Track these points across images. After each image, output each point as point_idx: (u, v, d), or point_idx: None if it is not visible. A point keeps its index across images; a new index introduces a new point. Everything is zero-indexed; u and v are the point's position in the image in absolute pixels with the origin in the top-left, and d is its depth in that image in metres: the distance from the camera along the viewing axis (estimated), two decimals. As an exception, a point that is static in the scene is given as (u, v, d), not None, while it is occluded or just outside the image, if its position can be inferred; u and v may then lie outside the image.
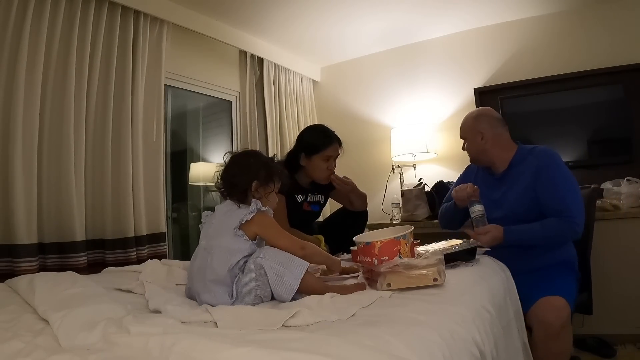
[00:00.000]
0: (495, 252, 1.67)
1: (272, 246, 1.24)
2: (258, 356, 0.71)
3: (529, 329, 1.53)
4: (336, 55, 3.69)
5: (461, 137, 1.90)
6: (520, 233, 1.64)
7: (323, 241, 2.08)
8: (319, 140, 2.07)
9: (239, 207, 1.26)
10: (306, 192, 2.15)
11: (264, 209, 1.25)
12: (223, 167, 1.33)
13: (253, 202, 1.24)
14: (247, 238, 1.21)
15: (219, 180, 1.33)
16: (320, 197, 2.21)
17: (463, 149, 1.91)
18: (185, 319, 1.01)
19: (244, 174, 1.28)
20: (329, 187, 2.25)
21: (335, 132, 2.14)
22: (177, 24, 2.54)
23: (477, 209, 1.68)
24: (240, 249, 1.21)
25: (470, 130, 1.84)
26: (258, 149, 3.14)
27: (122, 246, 2.14)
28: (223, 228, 1.23)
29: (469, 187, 1.71)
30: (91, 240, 2.09)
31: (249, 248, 1.22)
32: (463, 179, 2.02)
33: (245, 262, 1.21)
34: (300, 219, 2.09)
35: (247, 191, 1.28)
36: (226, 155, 1.36)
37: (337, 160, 2.13)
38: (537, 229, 1.63)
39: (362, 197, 2.22)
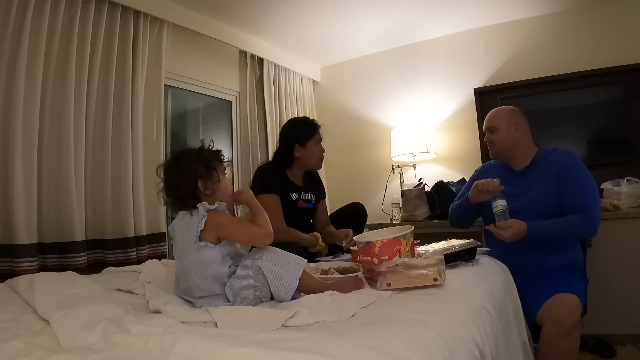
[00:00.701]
0: (507, 250, 1.69)
1: (236, 243, 1.22)
2: (258, 356, 0.71)
3: (538, 326, 1.53)
4: (336, 55, 3.69)
5: (489, 128, 1.91)
6: (544, 228, 1.67)
7: (320, 238, 2.08)
8: (307, 127, 2.16)
9: (191, 214, 1.18)
10: (299, 190, 2.17)
11: (212, 207, 1.18)
12: (163, 184, 1.24)
13: (200, 206, 1.17)
14: (212, 244, 1.16)
15: (165, 198, 1.24)
16: (311, 196, 2.23)
17: (487, 141, 1.92)
18: (185, 319, 1.01)
19: (185, 181, 1.20)
20: (319, 190, 2.28)
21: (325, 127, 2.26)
22: (177, 24, 2.54)
23: (500, 204, 1.69)
24: (211, 258, 1.16)
25: (505, 121, 1.87)
26: (258, 149, 3.14)
27: (122, 246, 2.14)
28: (185, 245, 1.18)
29: (496, 182, 1.72)
30: (91, 240, 2.09)
31: (218, 252, 1.17)
32: (479, 177, 1.99)
33: (230, 266, 1.18)
34: (296, 217, 2.10)
35: (197, 194, 1.21)
36: (159, 170, 1.26)
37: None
38: (560, 224, 1.67)
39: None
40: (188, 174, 1.20)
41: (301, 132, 2.14)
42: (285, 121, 3.35)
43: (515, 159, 1.87)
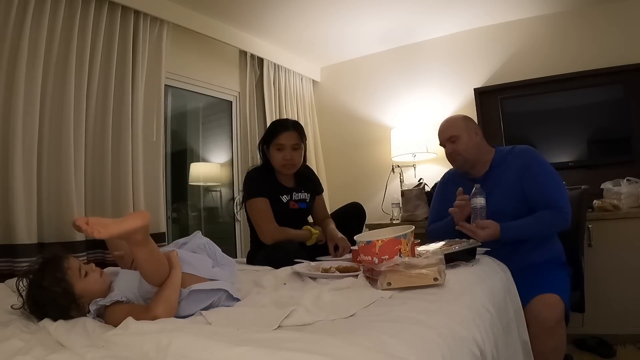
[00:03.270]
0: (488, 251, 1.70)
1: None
2: (256, 356, 0.70)
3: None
4: (336, 55, 3.69)
5: (449, 139, 1.87)
6: (516, 229, 1.69)
7: (312, 229, 2.09)
8: (271, 129, 2.11)
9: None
10: (290, 191, 2.15)
11: (103, 304, 1.08)
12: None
13: (92, 307, 1.08)
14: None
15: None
16: (305, 195, 2.20)
17: (449, 152, 1.88)
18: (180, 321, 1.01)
19: (59, 295, 1.06)
20: (313, 187, 2.26)
21: (298, 121, 2.15)
22: (177, 24, 2.54)
23: (479, 202, 1.71)
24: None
25: (465, 129, 1.86)
26: (258, 149, 3.14)
27: (122, 246, 2.14)
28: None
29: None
30: (91, 240, 2.09)
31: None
32: (443, 190, 2.01)
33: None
34: (289, 219, 2.09)
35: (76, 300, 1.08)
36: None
37: (302, 152, 2.11)
38: (531, 222, 1.70)
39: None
40: (52, 295, 1.06)
41: (266, 132, 2.12)
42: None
43: (477, 166, 1.87)
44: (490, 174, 1.84)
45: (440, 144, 1.94)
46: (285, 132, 2.05)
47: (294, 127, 2.09)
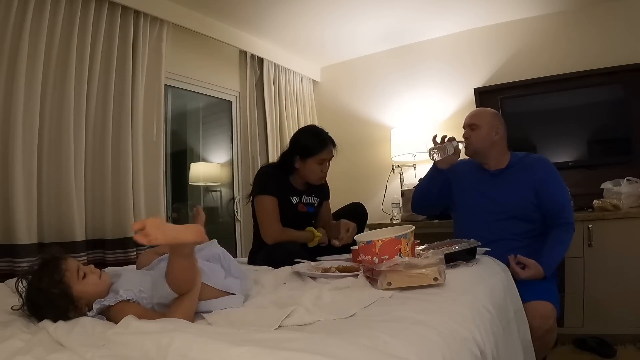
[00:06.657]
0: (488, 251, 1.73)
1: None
2: (256, 356, 0.70)
3: None
4: (336, 55, 3.69)
5: (470, 125, 1.95)
6: (552, 260, 1.76)
7: (314, 231, 2.09)
8: (313, 143, 2.07)
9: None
10: (300, 194, 2.15)
11: (107, 304, 1.08)
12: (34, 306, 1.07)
13: (95, 306, 1.08)
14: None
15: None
16: (314, 199, 2.21)
17: (465, 137, 1.97)
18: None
19: (59, 296, 1.05)
20: (323, 192, 2.27)
21: (329, 133, 2.14)
22: (177, 24, 2.54)
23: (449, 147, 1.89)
24: None
25: (488, 122, 1.93)
26: (258, 149, 3.14)
27: (122, 246, 2.14)
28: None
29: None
30: (91, 240, 2.09)
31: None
32: (448, 171, 2.04)
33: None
34: (296, 221, 2.09)
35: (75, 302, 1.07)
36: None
37: (331, 161, 2.14)
38: (558, 247, 1.79)
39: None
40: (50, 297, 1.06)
41: (305, 146, 2.07)
42: (286, 120, 3.38)
43: (488, 160, 1.95)
44: (506, 171, 1.92)
45: (463, 126, 2.01)
46: (329, 146, 2.08)
47: (332, 141, 2.12)
